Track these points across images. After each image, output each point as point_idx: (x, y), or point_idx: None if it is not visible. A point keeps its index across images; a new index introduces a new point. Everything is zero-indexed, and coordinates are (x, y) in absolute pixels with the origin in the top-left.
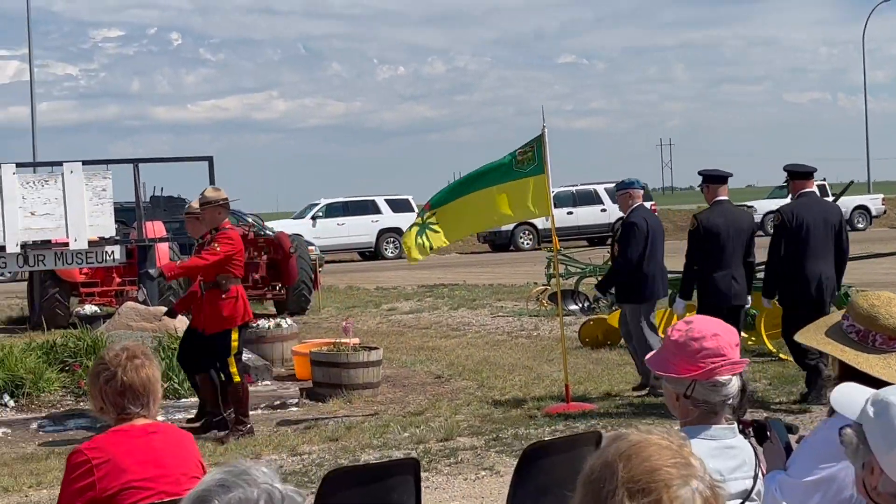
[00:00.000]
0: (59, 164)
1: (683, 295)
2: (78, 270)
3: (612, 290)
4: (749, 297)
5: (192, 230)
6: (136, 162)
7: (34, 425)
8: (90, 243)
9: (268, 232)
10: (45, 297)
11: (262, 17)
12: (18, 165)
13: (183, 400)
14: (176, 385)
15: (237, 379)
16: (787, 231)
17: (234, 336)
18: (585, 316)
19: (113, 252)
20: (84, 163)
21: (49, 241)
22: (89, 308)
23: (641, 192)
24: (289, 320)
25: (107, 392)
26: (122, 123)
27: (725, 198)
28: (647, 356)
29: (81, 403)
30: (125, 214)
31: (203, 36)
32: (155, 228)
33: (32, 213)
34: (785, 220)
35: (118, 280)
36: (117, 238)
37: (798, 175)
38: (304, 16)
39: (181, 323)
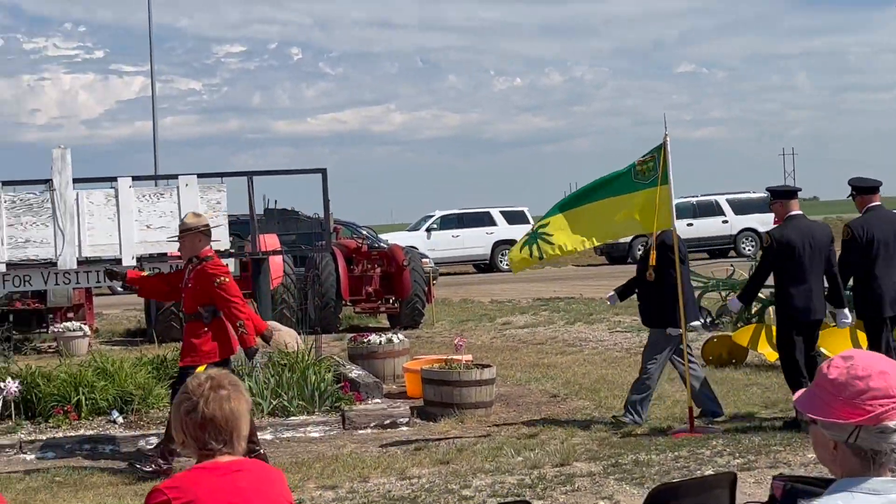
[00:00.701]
0: (175, 176)
1: (742, 297)
2: None
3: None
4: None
5: (183, 254)
6: (250, 175)
7: (142, 442)
8: None
9: (381, 245)
10: (161, 310)
11: (381, 31)
12: (135, 178)
13: (292, 418)
14: (285, 402)
15: None
16: (858, 245)
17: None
18: (709, 332)
19: (227, 265)
20: (199, 176)
21: (164, 255)
22: None
23: None
24: (400, 335)
25: (187, 424)
26: (243, 137)
27: (798, 212)
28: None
29: None
30: (240, 227)
31: (322, 50)
32: (269, 241)
33: (148, 227)
34: (855, 234)
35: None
36: (232, 251)
37: (864, 189)
38: (421, 29)
39: (291, 338)
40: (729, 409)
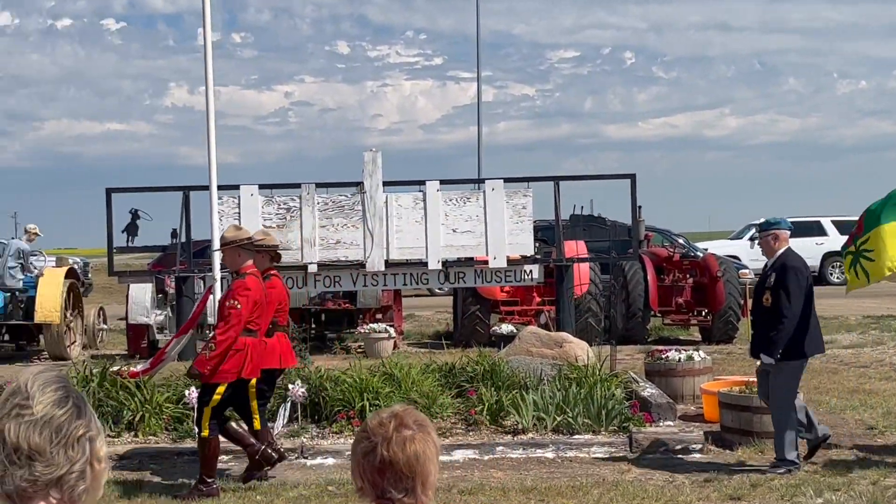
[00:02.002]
0: (482, 181)
1: None
2: (499, 288)
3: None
4: None
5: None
6: (556, 179)
7: None
8: (509, 261)
9: (696, 253)
10: (466, 314)
11: (718, 34)
12: (443, 182)
13: (577, 436)
14: (570, 419)
15: (205, 433)
16: None
17: (221, 390)
18: None
19: (531, 271)
20: (505, 180)
21: (471, 259)
22: (506, 327)
23: (789, 233)
24: (702, 353)
25: (364, 468)
26: (573, 142)
27: None
28: None
29: (471, 433)
30: (549, 233)
31: (656, 54)
32: (575, 248)
33: (454, 231)
34: None
35: (537, 300)
36: (536, 257)
37: None
38: (760, 31)
39: (582, 350)
40: None
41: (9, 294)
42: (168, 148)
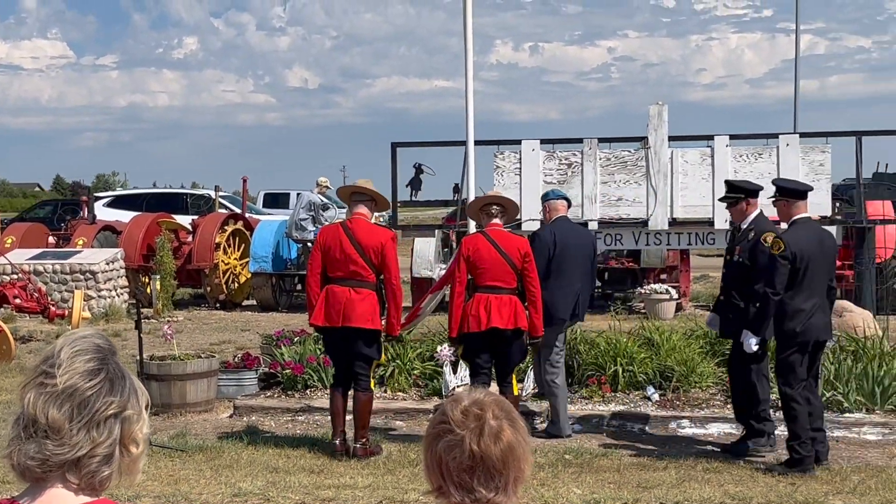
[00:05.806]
0: (775, 136)
1: None
2: None
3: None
4: None
5: None
6: (858, 135)
7: (672, 424)
8: None
9: None
10: None
11: None
12: (732, 137)
13: (847, 415)
14: (840, 396)
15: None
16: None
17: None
18: None
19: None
20: (801, 135)
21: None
22: None
23: (561, 202)
24: None
25: (449, 466)
26: None
27: None
28: None
29: (727, 408)
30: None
31: None
32: (882, 208)
33: None
34: None
35: (837, 264)
36: (836, 217)
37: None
38: None
39: (864, 321)
40: None
41: (301, 245)
42: (492, 104)
